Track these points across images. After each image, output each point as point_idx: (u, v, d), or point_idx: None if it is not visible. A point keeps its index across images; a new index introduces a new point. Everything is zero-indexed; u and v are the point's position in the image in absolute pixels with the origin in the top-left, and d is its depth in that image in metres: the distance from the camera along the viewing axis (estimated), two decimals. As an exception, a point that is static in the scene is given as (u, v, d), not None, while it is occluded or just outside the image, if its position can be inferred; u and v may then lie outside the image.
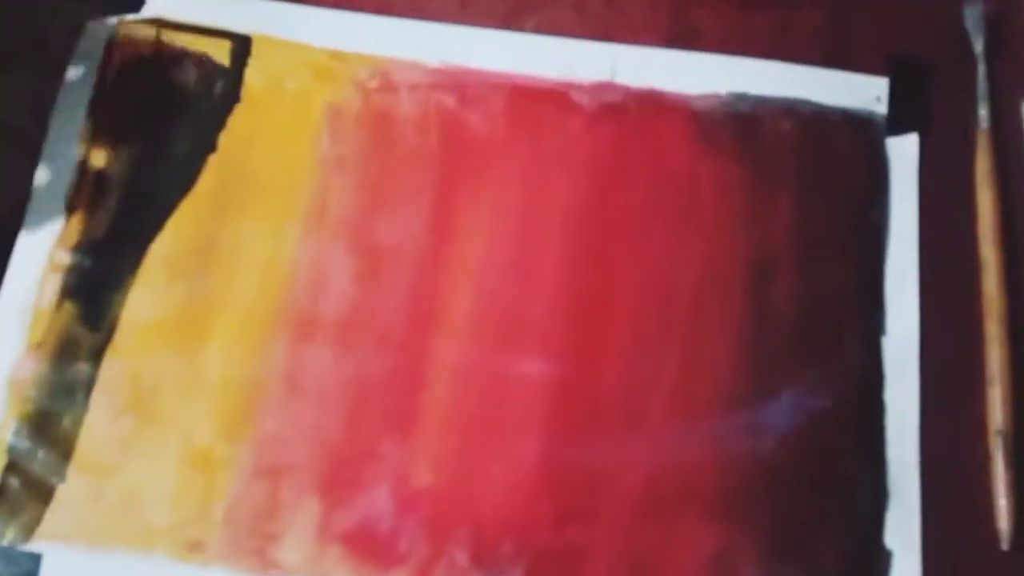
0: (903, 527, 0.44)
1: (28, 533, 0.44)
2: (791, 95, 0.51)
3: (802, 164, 0.50)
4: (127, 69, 0.51)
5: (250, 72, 0.51)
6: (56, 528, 0.44)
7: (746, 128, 0.51)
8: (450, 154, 0.50)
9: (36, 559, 0.43)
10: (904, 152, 0.50)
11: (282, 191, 0.49)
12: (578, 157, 0.50)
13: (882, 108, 0.51)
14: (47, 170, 0.49)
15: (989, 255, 0.48)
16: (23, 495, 0.44)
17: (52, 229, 0.48)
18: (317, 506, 0.44)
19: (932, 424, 0.46)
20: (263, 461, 0.45)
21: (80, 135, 0.50)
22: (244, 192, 0.49)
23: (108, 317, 0.47)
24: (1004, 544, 0.44)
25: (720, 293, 0.48)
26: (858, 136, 0.51)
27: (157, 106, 0.51)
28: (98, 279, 0.48)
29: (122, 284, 0.48)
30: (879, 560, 0.44)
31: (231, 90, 0.51)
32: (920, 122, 0.51)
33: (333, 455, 0.45)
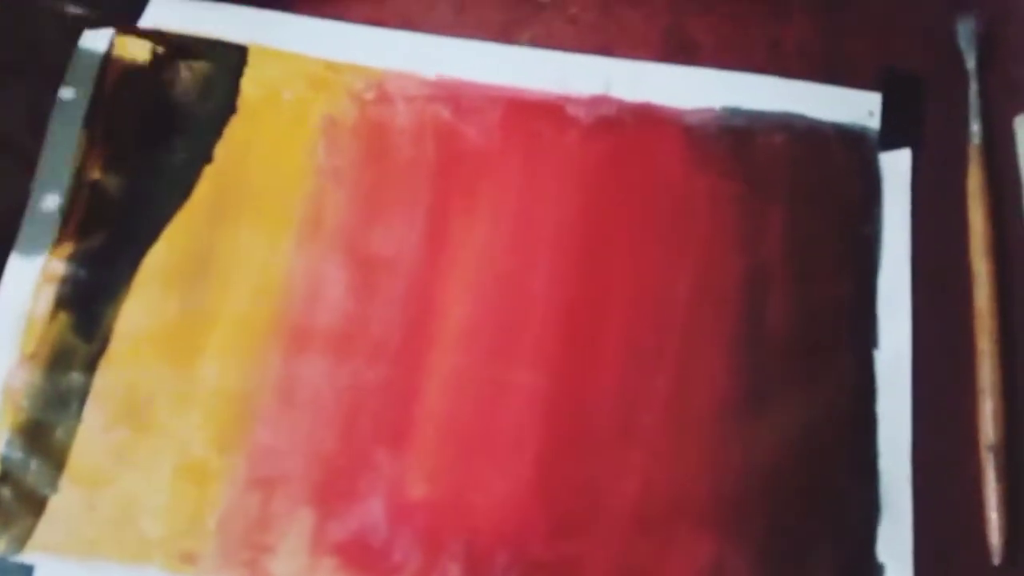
0: (895, 540, 0.44)
1: (20, 544, 0.44)
2: (785, 109, 0.51)
3: (795, 178, 0.50)
4: (123, 79, 0.51)
5: (246, 83, 0.51)
6: (48, 539, 0.44)
7: (740, 142, 0.51)
8: (445, 166, 0.50)
9: (28, 571, 0.43)
10: (897, 167, 0.50)
11: (278, 202, 0.49)
12: (573, 170, 0.50)
13: (875, 123, 0.51)
14: (43, 181, 0.49)
15: (981, 269, 0.48)
16: (15, 506, 0.44)
17: (47, 239, 0.48)
18: (311, 517, 0.44)
19: (924, 437, 0.46)
20: (257, 472, 0.45)
21: (76, 146, 0.50)
22: (240, 203, 0.49)
23: (102, 327, 0.47)
24: (995, 558, 0.44)
25: (713, 306, 0.48)
26: (851, 151, 0.51)
27: (153, 117, 0.51)
28: (93, 289, 0.48)
29: (117, 295, 0.47)
30: (871, 573, 0.44)
31: (227, 101, 0.51)
32: (913, 137, 0.51)
33: (327, 466, 0.45)
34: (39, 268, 0.48)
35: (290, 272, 0.48)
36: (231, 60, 0.52)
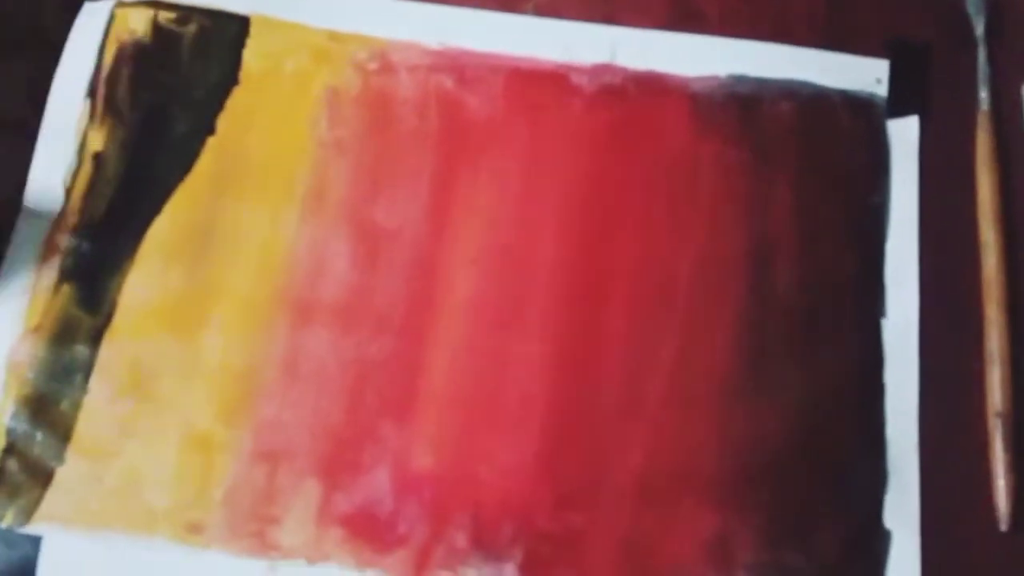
0: (902, 508, 0.44)
1: (27, 515, 0.44)
2: (791, 77, 0.51)
3: (802, 146, 0.50)
4: (125, 51, 0.51)
5: (248, 54, 0.51)
6: (55, 511, 0.44)
7: (746, 110, 0.50)
8: (449, 136, 0.50)
9: (36, 541, 0.43)
10: (904, 134, 0.50)
11: (281, 174, 0.49)
12: (577, 139, 0.50)
13: (882, 90, 0.51)
14: (45, 153, 0.49)
15: (989, 237, 0.48)
16: (22, 478, 0.44)
17: (50, 212, 0.48)
18: (317, 489, 0.44)
19: (931, 406, 0.46)
20: (262, 445, 0.45)
21: (78, 118, 0.50)
22: (243, 175, 0.49)
23: (106, 300, 0.47)
24: (1003, 525, 0.44)
25: (719, 276, 0.48)
26: (858, 118, 0.50)
27: (155, 88, 0.51)
28: (96, 262, 0.47)
29: (120, 267, 0.47)
30: (878, 541, 0.44)
31: (229, 72, 0.51)
32: (920, 104, 0.51)
33: (333, 438, 0.45)
34: (43, 241, 0.48)
35: (294, 244, 0.48)
36: (233, 31, 0.51)
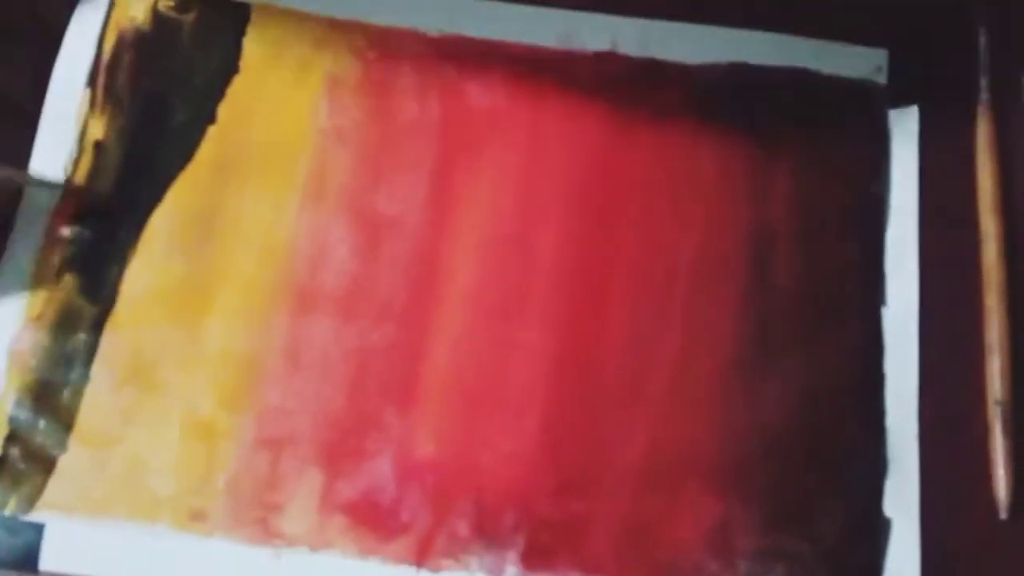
0: (902, 496, 0.45)
1: (30, 503, 0.44)
2: (792, 66, 0.51)
3: (802, 135, 0.50)
4: (125, 39, 0.51)
5: (249, 41, 0.51)
6: (58, 498, 0.44)
7: (746, 99, 0.50)
8: (450, 125, 0.50)
9: (39, 529, 0.44)
10: (905, 123, 0.50)
11: (282, 162, 0.49)
12: (579, 127, 0.50)
13: (883, 79, 0.51)
14: (46, 141, 0.49)
15: (989, 226, 0.48)
16: (25, 465, 0.44)
17: (51, 200, 0.48)
18: (319, 477, 0.44)
19: (931, 394, 0.46)
20: (265, 432, 0.45)
21: (78, 106, 0.50)
22: (244, 163, 0.49)
23: (108, 288, 0.47)
24: (1002, 513, 0.44)
25: (721, 264, 0.48)
26: (859, 107, 0.50)
27: (155, 76, 0.50)
28: (98, 250, 0.47)
29: (122, 256, 0.47)
30: (878, 528, 0.44)
31: (229, 60, 0.51)
32: (921, 93, 0.51)
33: (335, 426, 0.45)
34: (44, 229, 0.48)
35: (295, 233, 0.48)
36: (233, 18, 0.51)
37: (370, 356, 0.46)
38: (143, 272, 0.47)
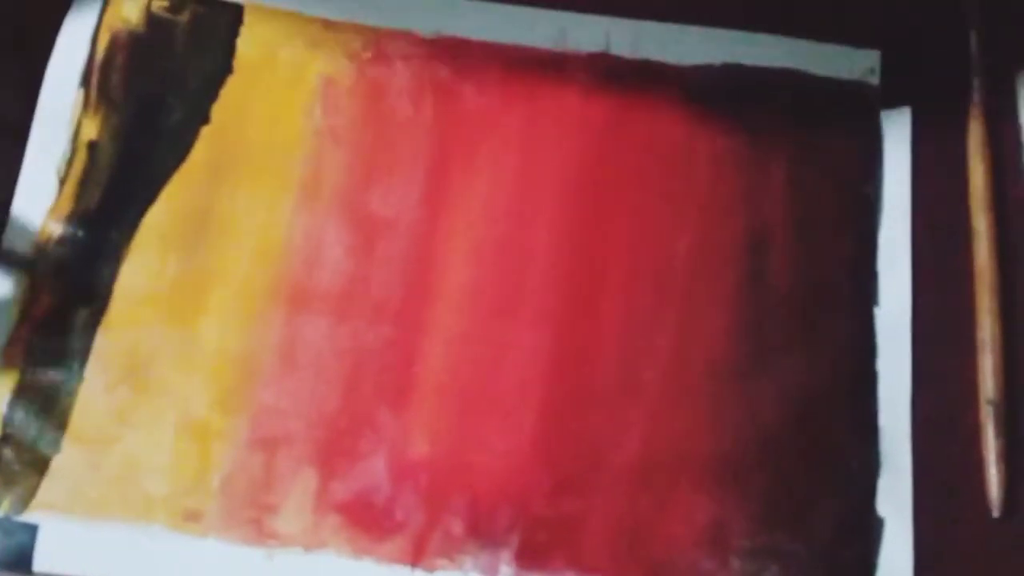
0: (895, 495, 0.45)
1: (24, 504, 0.44)
2: (785, 67, 0.51)
3: (795, 136, 0.50)
4: (118, 40, 0.51)
5: (242, 42, 0.51)
6: (52, 499, 0.44)
7: (740, 100, 0.51)
8: (444, 125, 0.50)
9: (33, 530, 0.43)
10: (897, 123, 0.50)
11: (276, 163, 0.49)
12: (573, 128, 0.50)
13: (875, 80, 0.51)
14: (39, 142, 0.49)
15: (981, 225, 0.48)
16: (18, 466, 0.44)
17: (45, 200, 0.48)
18: (314, 477, 0.44)
19: (924, 393, 0.46)
20: (259, 432, 0.45)
21: (72, 107, 0.50)
22: (238, 164, 0.49)
23: (102, 288, 0.47)
24: (995, 511, 0.44)
25: (714, 264, 0.48)
26: (851, 108, 0.51)
27: (149, 77, 0.50)
28: (92, 250, 0.47)
29: (116, 255, 0.47)
30: (871, 527, 0.44)
31: (223, 61, 0.51)
32: (913, 94, 0.51)
33: (329, 426, 0.45)
34: (38, 229, 0.48)
35: (290, 233, 0.48)
36: (226, 19, 0.51)
37: (364, 356, 0.46)
38: (137, 272, 0.47)
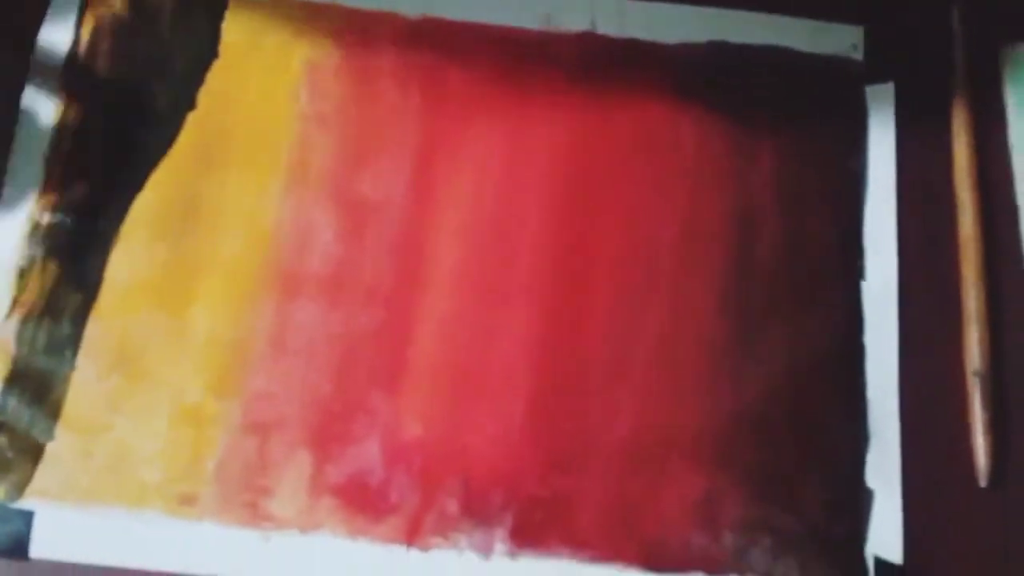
0: (884, 467, 0.45)
1: (19, 491, 0.44)
2: (769, 44, 0.51)
3: (781, 113, 0.50)
4: (103, 27, 0.51)
5: (227, 28, 0.51)
6: (47, 486, 0.44)
7: (726, 78, 0.51)
8: (431, 108, 0.50)
9: (28, 516, 0.44)
10: (881, 99, 0.51)
11: (264, 148, 0.49)
12: (560, 109, 0.50)
13: (859, 56, 0.51)
14: (25, 130, 0.49)
15: (965, 198, 0.48)
16: (12, 453, 0.44)
17: (33, 189, 0.48)
18: (308, 460, 0.45)
19: (911, 366, 0.47)
20: (253, 417, 0.45)
21: (57, 94, 0.49)
22: (226, 149, 0.49)
23: (92, 276, 0.47)
24: (982, 481, 0.45)
25: (702, 242, 0.48)
26: (836, 84, 0.51)
27: (134, 63, 0.50)
28: (81, 238, 0.47)
29: (105, 243, 0.47)
30: (861, 499, 0.45)
31: (208, 46, 0.50)
32: (897, 69, 0.51)
33: (322, 410, 0.45)
34: (26, 218, 0.47)
35: (279, 218, 0.48)
36: (211, 4, 0.51)
37: (356, 340, 0.46)
38: (127, 259, 0.47)
